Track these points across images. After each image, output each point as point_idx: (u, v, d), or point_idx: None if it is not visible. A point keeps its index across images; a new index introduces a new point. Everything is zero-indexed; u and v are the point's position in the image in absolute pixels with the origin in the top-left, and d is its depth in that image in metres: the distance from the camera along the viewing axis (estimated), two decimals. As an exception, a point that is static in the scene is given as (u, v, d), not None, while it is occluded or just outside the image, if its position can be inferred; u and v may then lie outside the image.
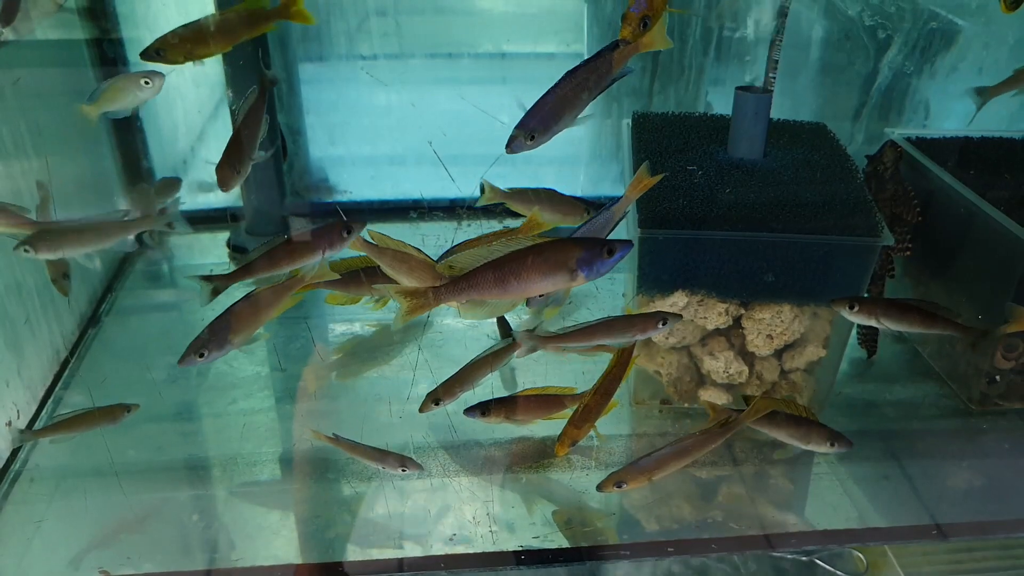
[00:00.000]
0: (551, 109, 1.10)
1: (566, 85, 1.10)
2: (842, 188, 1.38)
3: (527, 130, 1.09)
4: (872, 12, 1.92)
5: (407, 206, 2.11)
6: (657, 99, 2.08)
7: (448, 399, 1.33)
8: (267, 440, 1.45)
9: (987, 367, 1.43)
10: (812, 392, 1.46)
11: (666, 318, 1.25)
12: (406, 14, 2.01)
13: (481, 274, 1.00)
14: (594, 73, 1.11)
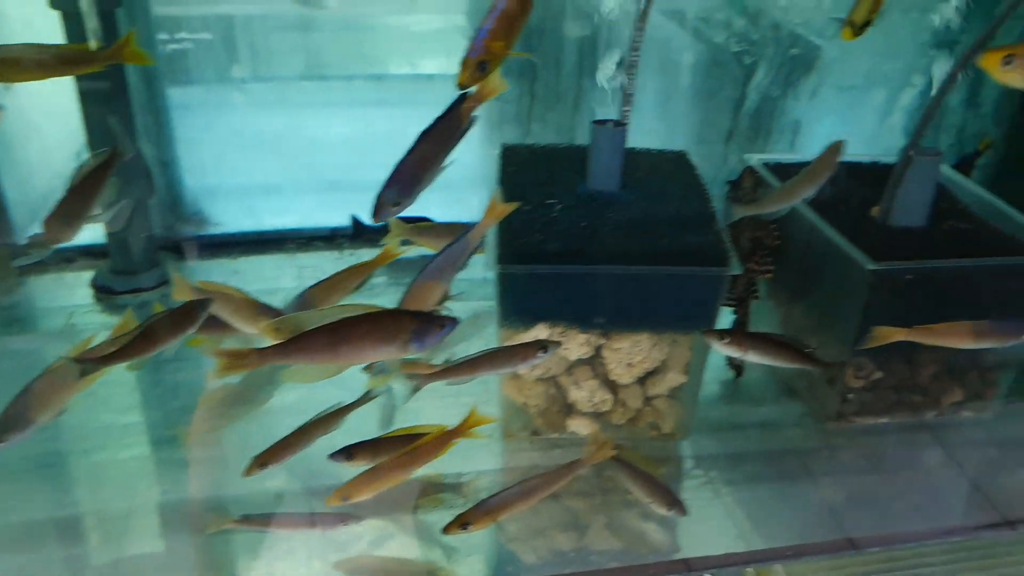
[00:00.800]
0: (412, 171, 1.10)
1: (423, 146, 1.11)
2: (693, 218, 1.41)
3: (392, 197, 1.09)
4: (738, 39, 1.99)
5: (285, 237, 2.07)
6: (536, 126, 2.10)
7: (276, 463, 1.28)
8: (128, 492, 1.38)
9: (840, 386, 1.48)
10: (677, 417, 1.48)
11: (546, 346, 1.26)
12: (278, 33, 1.97)
13: (312, 338, 0.99)
14: (447, 129, 1.12)
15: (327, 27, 2.02)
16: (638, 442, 1.49)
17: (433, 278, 1.21)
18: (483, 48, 1.05)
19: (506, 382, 1.46)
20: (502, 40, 1.06)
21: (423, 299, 1.22)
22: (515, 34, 1.08)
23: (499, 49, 1.06)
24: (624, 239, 1.35)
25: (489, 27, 1.05)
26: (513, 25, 1.06)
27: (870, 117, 2.10)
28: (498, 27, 1.05)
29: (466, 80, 1.06)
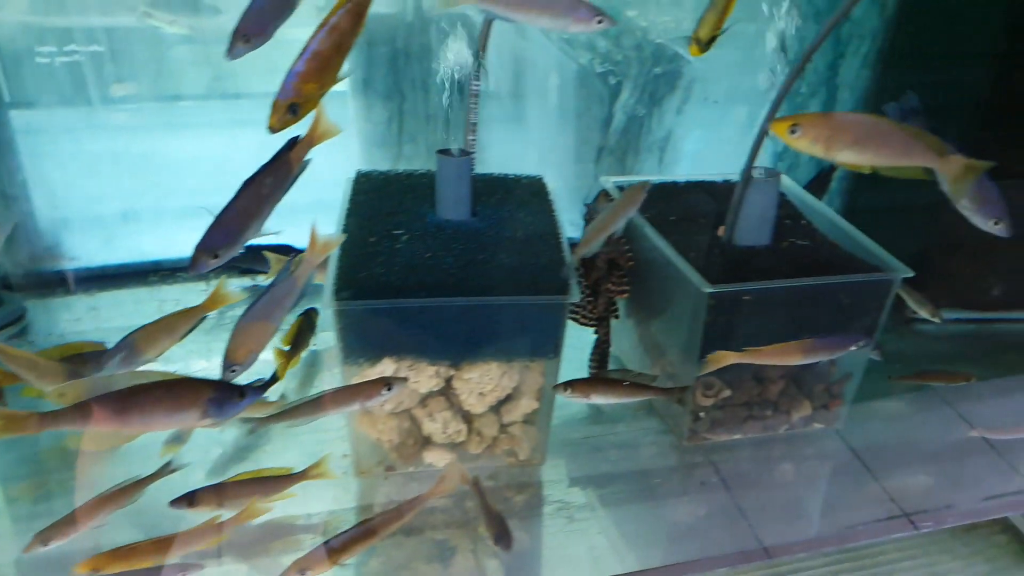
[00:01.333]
0: (233, 223, 1.07)
1: (245, 196, 1.08)
2: (539, 246, 1.42)
3: (210, 250, 1.06)
4: (601, 60, 2.02)
5: (146, 269, 1.99)
6: (408, 148, 2.08)
7: (60, 539, 1.19)
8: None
9: (691, 405, 1.51)
10: (533, 443, 1.48)
11: (391, 383, 1.24)
12: (125, 51, 1.89)
13: (100, 405, 0.94)
14: (273, 176, 1.10)
15: (183, 44, 1.95)
16: (497, 470, 1.49)
17: (259, 319, 1.18)
18: (293, 91, 1.03)
19: (359, 417, 1.43)
20: (314, 81, 1.04)
21: (251, 342, 1.17)
22: (331, 74, 1.06)
23: (310, 91, 1.04)
24: (469, 269, 1.35)
25: (299, 69, 1.04)
26: (328, 65, 1.05)
27: (734, 132, 2.15)
28: (309, 68, 1.04)
29: (276, 124, 1.04)
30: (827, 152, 1.14)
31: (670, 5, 1.98)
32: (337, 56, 1.06)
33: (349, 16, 1.05)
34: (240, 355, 1.17)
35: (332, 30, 1.04)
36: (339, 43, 1.05)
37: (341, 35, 1.05)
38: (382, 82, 2.00)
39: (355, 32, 1.07)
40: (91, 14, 1.82)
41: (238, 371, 1.18)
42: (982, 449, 1.64)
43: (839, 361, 1.57)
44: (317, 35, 1.05)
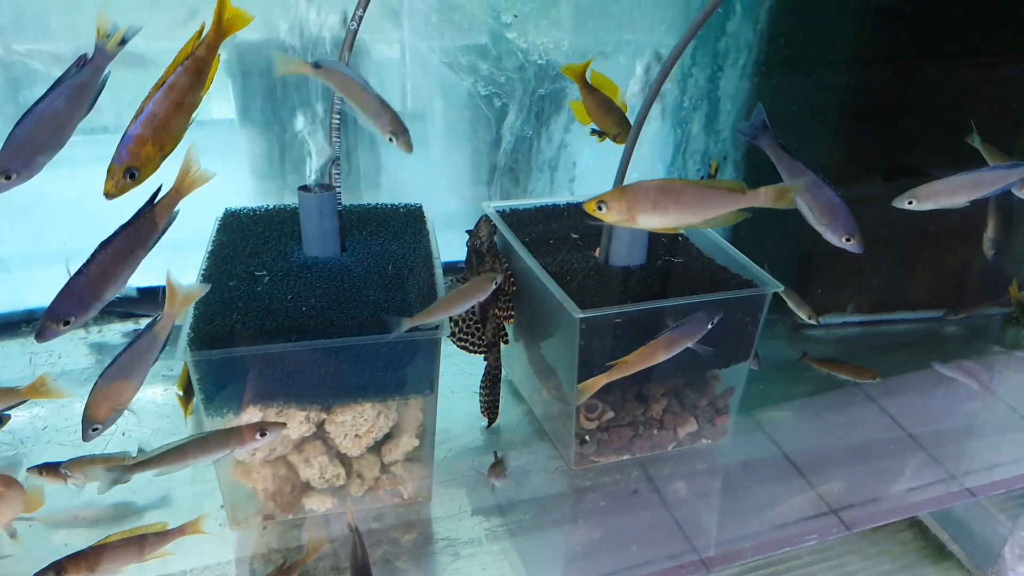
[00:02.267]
0: (88, 287, 1.02)
1: (101, 258, 1.03)
2: (409, 280, 1.39)
3: (59, 317, 1.00)
4: (485, 82, 2.01)
5: (18, 319, 1.90)
6: (292, 178, 2.03)
7: None
8: None
9: (575, 429, 1.50)
10: (418, 480, 1.45)
11: (266, 429, 1.19)
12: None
13: None
14: (134, 238, 1.05)
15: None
16: (382, 511, 1.45)
17: (119, 377, 1.12)
18: (129, 154, 0.99)
19: (232, 467, 1.38)
20: (153, 144, 1.01)
21: (111, 400, 1.12)
22: (171, 134, 1.02)
23: (149, 154, 1.00)
24: (333, 309, 1.31)
25: (135, 132, 1.00)
26: (167, 126, 1.01)
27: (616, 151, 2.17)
28: (146, 131, 1.00)
29: (112, 190, 1.00)
30: (635, 221, 1.17)
31: (548, 26, 1.98)
32: (178, 115, 1.02)
33: (188, 74, 1.02)
34: (101, 413, 1.12)
35: (170, 89, 1.01)
36: (179, 102, 1.01)
37: (180, 93, 1.01)
38: (259, 113, 1.96)
39: (196, 89, 1.03)
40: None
41: (100, 429, 1.13)
42: (877, 453, 1.68)
43: (723, 376, 1.59)
44: (153, 95, 1.01)
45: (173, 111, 1.01)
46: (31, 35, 1.78)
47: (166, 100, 1.01)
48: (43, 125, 0.99)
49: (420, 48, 2.00)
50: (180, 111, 1.01)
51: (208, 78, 1.04)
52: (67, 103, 1.00)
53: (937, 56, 1.83)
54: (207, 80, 1.04)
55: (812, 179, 1.26)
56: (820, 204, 1.24)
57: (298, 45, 1.91)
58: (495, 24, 1.97)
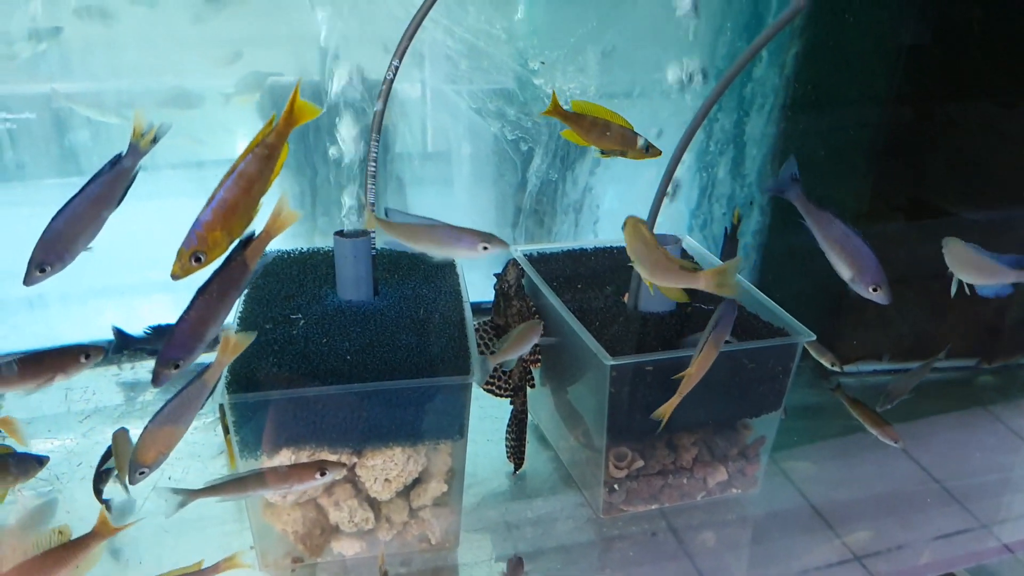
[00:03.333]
0: (191, 332, 1.06)
1: (200, 304, 1.07)
2: (440, 325, 1.40)
3: (169, 362, 1.05)
4: (512, 127, 2.04)
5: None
6: (323, 220, 2.06)
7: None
8: None
9: (604, 477, 1.49)
10: (446, 525, 1.45)
11: (325, 468, 1.22)
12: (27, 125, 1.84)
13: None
14: (228, 281, 1.09)
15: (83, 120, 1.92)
16: (409, 556, 1.45)
17: (168, 423, 1.15)
18: (197, 240, 1.03)
19: (263, 508, 1.38)
20: (221, 229, 1.05)
21: (159, 444, 1.15)
22: (240, 219, 1.06)
23: (216, 239, 1.04)
24: (366, 353, 1.32)
25: (205, 218, 1.04)
26: (235, 211, 1.05)
27: (646, 192, 2.18)
28: (216, 217, 1.04)
29: (179, 272, 1.04)
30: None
31: (575, 72, 2.01)
32: (247, 200, 1.06)
33: (257, 161, 1.06)
34: (148, 457, 1.15)
35: (240, 177, 1.05)
36: (248, 188, 1.05)
37: (249, 180, 1.05)
38: (292, 157, 2.00)
39: (265, 176, 1.07)
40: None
41: (146, 472, 1.16)
42: (910, 505, 1.65)
43: (754, 425, 1.58)
44: (225, 182, 1.05)
45: (242, 197, 1.05)
46: (78, 75, 1.84)
47: (236, 187, 1.05)
48: (76, 221, 1.07)
49: (447, 92, 2.04)
50: (249, 196, 1.06)
51: (277, 165, 1.08)
52: (98, 200, 1.08)
53: (966, 95, 1.84)
54: (276, 166, 1.08)
55: (841, 230, 1.26)
56: (848, 254, 1.24)
57: (331, 90, 1.96)
58: (522, 70, 2.00)
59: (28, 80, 1.83)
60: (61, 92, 1.86)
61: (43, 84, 1.85)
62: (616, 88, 2.04)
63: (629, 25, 1.98)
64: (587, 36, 1.98)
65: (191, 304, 1.07)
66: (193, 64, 1.92)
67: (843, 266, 1.25)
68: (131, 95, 1.89)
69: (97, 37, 1.83)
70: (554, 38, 1.97)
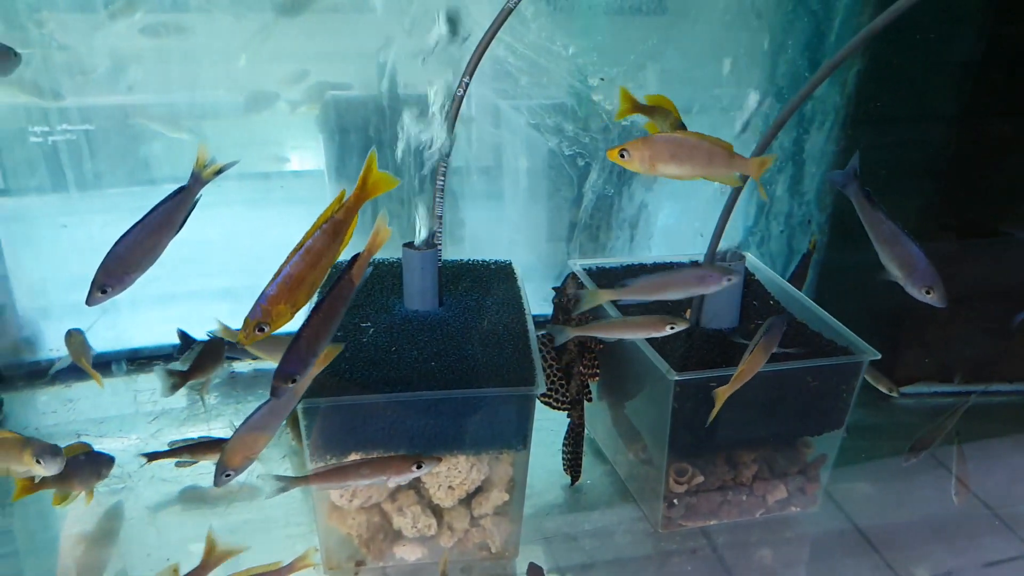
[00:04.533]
0: (308, 348, 1.11)
1: (314, 322, 1.11)
2: (504, 336, 1.42)
3: (287, 377, 1.09)
4: (569, 143, 2.06)
5: (123, 358, 1.99)
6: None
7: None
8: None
9: (664, 491, 1.50)
10: (506, 534, 1.46)
11: (422, 462, 1.25)
12: (101, 136, 1.92)
13: None
14: (338, 298, 1.14)
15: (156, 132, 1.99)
16: (469, 564, 1.47)
17: (255, 429, 1.20)
18: (262, 312, 1.09)
19: (328, 511, 1.42)
20: (286, 303, 1.09)
21: (246, 449, 1.20)
22: (305, 291, 1.11)
23: (281, 311, 1.09)
24: (433, 362, 1.35)
25: (271, 292, 1.09)
26: (301, 284, 1.10)
27: (704, 207, 2.18)
28: (281, 291, 1.09)
29: (244, 340, 1.10)
30: (654, 169, 1.24)
31: (635, 88, 2.02)
32: (313, 274, 1.10)
33: (325, 236, 1.10)
34: (236, 461, 1.20)
35: (307, 252, 1.09)
36: (314, 263, 1.10)
37: (316, 256, 1.09)
38: (355, 168, 2.05)
39: (333, 249, 1.11)
40: (70, 97, 1.88)
41: (232, 476, 1.21)
42: (968, 532, 1.62)
43: (815, 443, 1.57)
44: (292, 258, 1.09)
45: (308, 271, 1.09)
46: (152, 87, 1.92)
47: (302, 263, 1.09)
48: (137, 247, 1.11)
49: (506, 108, 2.07)
50: (315, 270, 1.10)
51: (345, 238, 1.12)
52: (159, 227, 1.13)
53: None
54: (344, 240, 1.12)
55: (891, 229, 1.25)
56: (899, 256, 1.23)
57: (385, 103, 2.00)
58: (581, 86, 2.03)
59: (105, 93, 1.91)
60: (133, 105, 1.94)
61: (118, 97, 1.94)
62: (675, 103, 2.05)
63: (689, 43, 2.00)
64: (647, 53, 2.00)
65: (306, 322, 1.11)
66: (258, 77, 1.99)
67: (894, 267, 1.24)
68: (200, 107, 1.97)
69: (167, 51, 1.91)
70: (614, 55, 1.99)
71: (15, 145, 1.86)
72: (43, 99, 1.85)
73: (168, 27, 1.88)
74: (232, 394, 1.95)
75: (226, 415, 1.87)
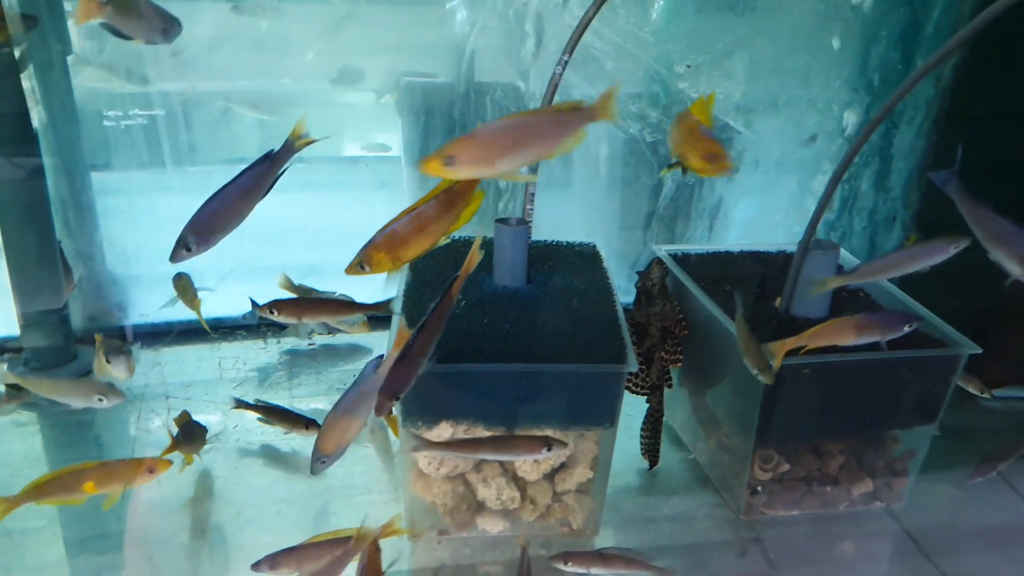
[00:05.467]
0: (412, 364, 1.15)
1: (420, 340, 1.15)
2: (595, 314, 1.43)
3: (394, 393, 1.13)
4: (651, 130, 2.06)
5: (209, 327, 2.05)
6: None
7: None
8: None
9: (748, 478, 1.49)
10: (588, 512, 1.47)
11: (551, 444, 1.28)
12: (201, 117, 2.00)
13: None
14: (440, 315, 1.18)
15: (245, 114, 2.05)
16: (549, 539, 1.47)
17: (346, 414, 1.22)
18: (363, 254, 1.14)
19: (413, 479, 1.44)
20: (385, 253, 1.13)
21: (338, 435, 1.23)
22: (406, 251, 1.14)
23: (379, 259, 1.14)
24: (526, 336, 1.36)
25: (375, 239, 1.14)
26: (403, 244, 1.13)
27: (784, 200, 2.16)
28: (382, 241, 1.13)
29: (349, 271, 1.15)
30: (493, 167, 1.05)
31: (721, 77, 2.02)
32: (417, 238, 1.13)
33: (438, 206, 1.12)
34: (329, 447, 1.23)
35: (417, 216, 1.13)
36: (421, 227, 1.12)
37: (423, 221, 1.12)
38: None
39: (444, 220, 1.13)
40: (166, 80, 1.95)
41: (327, 462, 1.24)
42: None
43: (902, 437, 1.54)
44: (401, 217, 1.12)
45: (413, 234, 1.13)
46: (240, 72, 1.98)
47: (409, 224, 1.13)
48: (224, 209, 1.14)
49: (591, 93, 2.07)
50: (420, 235, 1.13)
51: (461, 212, 1.14)
52: (248, 191, 1.15)
53: None
54: (459, 213, 1.14)
55: (1002, 225, 1.22)
56: (1013, 248, 1.20)
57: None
58: (667, 73, 2.02)
59: (198, 77, 1.98)
60: (225, 90, 2.01)
61: (211, 82, 2.00)
62: (761, 95, 2.03)
63: (780, 32, 1.98)
64: (735, 42, 1.99)
65: (413, 340, 1.14)
66: (341, 64, 2.03)
67: (1011, 263, 1.21)
68: (285, 92, 2.02)
69: (258, 36, 1.96)
70: (702, 43, 1.98)
71: (115, 125, 1.93)
72: (139, 84, 1.93)
73: (264, 7, 1.94)
74: (313, 364, 2.00)
75: (307, 384, 1.92)
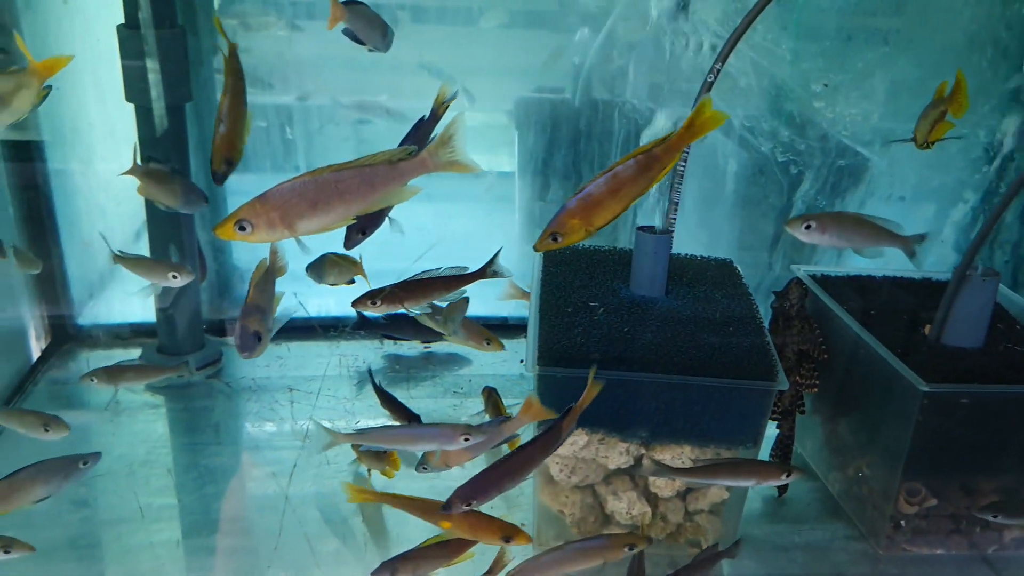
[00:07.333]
0: (494, 483, 1.15)
1: (513, 464, 1.14)
2: (740, 329, 1.39)
3: (467, 499, 1.14)
4: (784, 149, 2.01)
5: (327, 324, 2.10)
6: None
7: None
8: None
9: (891, 511, 1.41)
10: (718, 534, 1.42)
11: (790, 471, 1.28)
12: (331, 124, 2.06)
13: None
14: (544, 449, 1.16)
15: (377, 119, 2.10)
16: (677, 559, 1.43)
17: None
18: (557, 222, 1.08)
19: (542, 488, 1.43)
20: (580, 218, 1.08)
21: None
22: (601, 215, 1.09)
23: (574, 226, 1.08)
24: (667, 347, 1.33)
25: (570, 205, 1.09)
26: (598, 207, 1.08)
27: (919, 229, 2.07)
28: (578, 206, 1.08)
29: (539, 247, 1.11)
30: (294, 229, 0.96)
31: (859, 98, 1.96)
32: (611, 201, 1.08)
33: (636, 167, 1.07)
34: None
35: (612, 177, 1.07)
36: (616, 190, 1.07)
37: (620, 183, 1.07)
38: (561, 161, 2.08)
39: (640, 182, 1.07)
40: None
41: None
42: None
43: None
44: (597, 178, 1.08)
45: (608, 196, 1.07)
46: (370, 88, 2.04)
47: (605, 186, 1.07)
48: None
49: (721, 108, 2.04)
50: (615, 198, 1.07)
51: (655, 176, 1.08)
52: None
53: None
54: (653, 177, 1.08)
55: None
56: None
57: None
58: (803, 92, 1.98)
59: (331, 90, 2.05)
60: (354, 103, 2.07)
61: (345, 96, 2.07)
62: (901, 118, 1.96)
63: (925, 52, 1.91)
64: (877, 62, 1.93)
65: (508, 458, 1.14)
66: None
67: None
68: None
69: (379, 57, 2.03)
70: (841, 61, 1.93)
71: (255, 133, 2.01)
72: (276, 94, 2.01)
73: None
74: (429, 368, 2.02)
75: (425, 384, 1.94)
